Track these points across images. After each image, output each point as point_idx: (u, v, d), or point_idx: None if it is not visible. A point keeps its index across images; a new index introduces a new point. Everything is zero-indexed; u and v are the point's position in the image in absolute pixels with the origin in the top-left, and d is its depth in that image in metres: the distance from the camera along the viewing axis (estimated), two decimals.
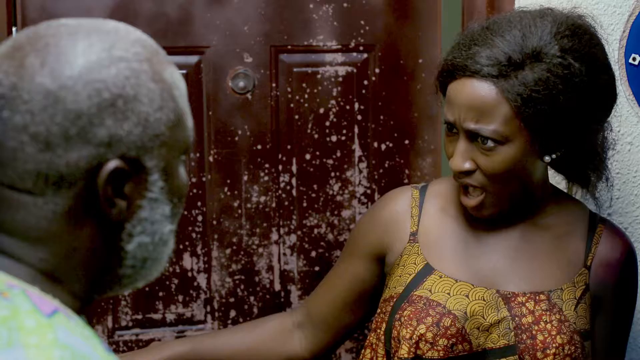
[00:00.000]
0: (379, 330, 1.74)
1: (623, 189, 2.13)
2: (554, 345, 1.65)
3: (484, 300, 1.67)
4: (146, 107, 1.02)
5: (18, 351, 0.90)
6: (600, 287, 1.73)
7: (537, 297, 1.68)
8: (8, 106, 0.99)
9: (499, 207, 1.67)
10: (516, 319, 1.66)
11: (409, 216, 1.77)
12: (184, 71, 2.16)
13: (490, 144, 1.59)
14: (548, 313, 1.67)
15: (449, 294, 1.68)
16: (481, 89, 1.58)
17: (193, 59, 2.17)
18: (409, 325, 1.66)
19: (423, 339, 1.64)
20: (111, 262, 1.06)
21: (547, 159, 1.65)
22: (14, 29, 2.07)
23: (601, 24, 2.07)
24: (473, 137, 1.61)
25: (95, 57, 1.00)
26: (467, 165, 1.62)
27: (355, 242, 1.84)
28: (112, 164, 1.00)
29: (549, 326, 1.66)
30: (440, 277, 1.70)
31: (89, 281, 1.05)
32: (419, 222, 1.75)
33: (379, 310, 1.77)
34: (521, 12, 1.69)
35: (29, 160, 0.99)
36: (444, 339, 1.64)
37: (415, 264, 1.72)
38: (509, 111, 1.58)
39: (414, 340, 1.65)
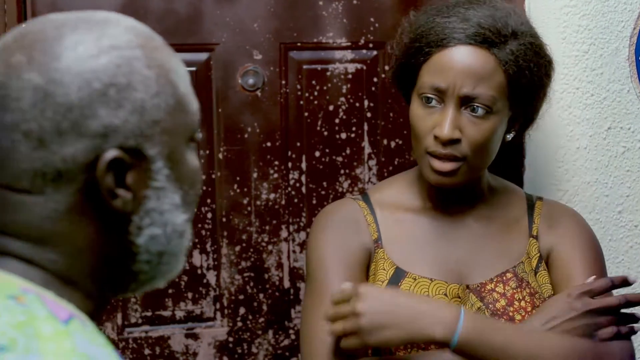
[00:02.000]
0: None
1: (633, 187, 2.12)
2: None
3: (458, 297, 1.69)
4: (141, 94, 0.98)
5: (36, 358, 0.88)
6: (549, 247, 1.75)
7: (504, 277, 1.71)
8: None
9: (469, 177, 1.68)
10: (490, 306, 1.68)
11: (365, 224, 1.74)
12: (194, 68, 2.16)
13: (480, 112, 1.63)
14: (519, 290, 1.70)
15: (428, 295, 1.68)
16: (480, 56, 1.63)
17: (203, 56, 2.17)
18: None
19: (415, 345, 1.65)
20: (124, 258, 1.02)
21: (508, 137, 1.73)
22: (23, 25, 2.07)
23: (611, 21, 2.07)
24: (464, 104, 1.63)
25: (83, 48, 0.97)
26: (457, 134, 1.63)
27: (338, 261, 1.70)
28: (110, 154, 0.96)
29: (523, 303, 1.68)
30: (415, 279, 1.69)
31: (102, 280, 1.02)
32: (378, 229, 1.74)
33: None
34: None
35: (23, 159, 0.96)
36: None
37: (384, 269, 1.71)
38: (502, 79, 1.64)
39: (408, 349, 1.65)
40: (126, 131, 0.97)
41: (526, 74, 1.65)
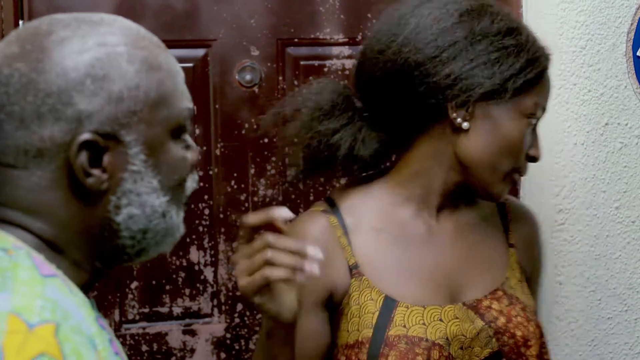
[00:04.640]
0: None
1: (631, 183, 2.12)
2: (530, 335, 1.64)
3: (457, 318, 1.62)
4: (118, 86, 1.07)
5: (6, 295, 0.98)
6: (527, 263, 1.75)
7: (496, 295, 1.66)
8: None
9: None
10: (492, 324, 1.63)
11: (338, 248, 1.62)
12: (191, 64, 2.16)
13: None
14: (512, 306, 1.65)
15: (424, 323, 1.60)
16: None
17: (200, 52, 2.17)
18: None
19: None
20: (106, 234, 1.10)
21: None
22: (20, 21, 2.07)
23: (609, 17, 2.07)
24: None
25: (68, 44, 1.07)
26: None
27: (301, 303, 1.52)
28: (84, 136, 1.05)
29: (519, 319, 1.65)
30: (407, 308, 1.60)
31: (89, 251, 1.11)
32: (354, 253, 1.62)
33: (343, 359, 1.61)
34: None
35: (7, 137, 1.06)
36: None
37: (372, 299, 1.60)
38: None
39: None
40: (101, 118, 1.06)
41: None
